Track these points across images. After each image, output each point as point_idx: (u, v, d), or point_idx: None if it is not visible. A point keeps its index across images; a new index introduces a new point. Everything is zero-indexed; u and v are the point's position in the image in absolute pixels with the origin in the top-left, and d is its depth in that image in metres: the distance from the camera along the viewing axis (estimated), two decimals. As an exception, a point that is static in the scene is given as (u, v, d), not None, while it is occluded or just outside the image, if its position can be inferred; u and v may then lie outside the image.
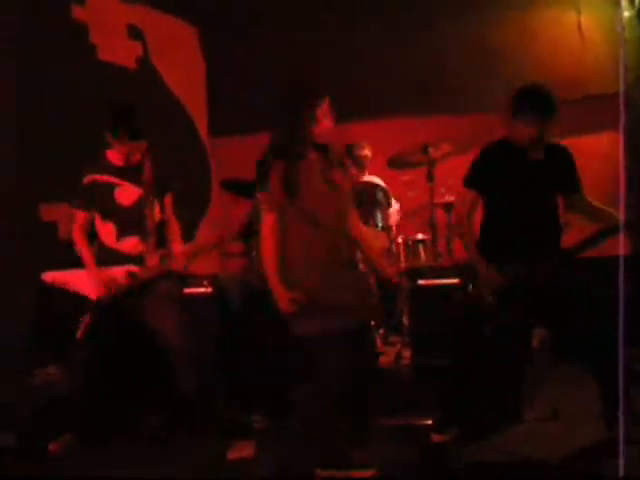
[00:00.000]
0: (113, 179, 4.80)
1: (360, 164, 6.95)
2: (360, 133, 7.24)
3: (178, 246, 4.84)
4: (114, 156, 4.83)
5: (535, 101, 4.29)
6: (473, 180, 4.46)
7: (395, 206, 6.97)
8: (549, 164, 4.38)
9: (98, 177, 4.80)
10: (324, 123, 3.93)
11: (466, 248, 4.47)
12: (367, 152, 7.03)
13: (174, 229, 4.97)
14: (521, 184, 4.33)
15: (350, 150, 6.86)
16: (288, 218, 3.93)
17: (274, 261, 3.91)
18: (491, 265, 4.27)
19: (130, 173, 4.80)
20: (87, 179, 4.82)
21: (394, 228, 6.88)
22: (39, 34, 6.08)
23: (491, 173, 4.40)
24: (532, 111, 4.27)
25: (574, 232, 4.46)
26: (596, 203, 4.45)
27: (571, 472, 3.89)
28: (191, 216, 7.50)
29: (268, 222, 3.94)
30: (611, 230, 4.20)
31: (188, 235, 5.29)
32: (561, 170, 4.42)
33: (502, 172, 4.36)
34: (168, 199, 4.96)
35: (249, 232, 4.75)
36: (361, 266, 4.33)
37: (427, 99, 7.76)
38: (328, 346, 3.82)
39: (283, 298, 3.84)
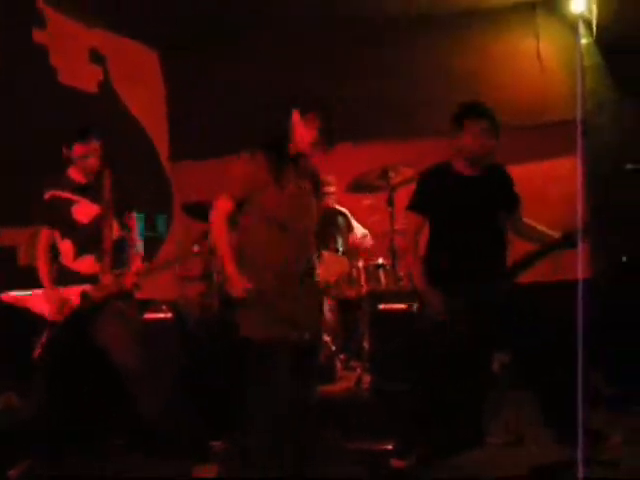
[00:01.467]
0: (72, 196, 4.78)
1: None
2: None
3: (135, 265, 4.81)
4: (75, 173, 4.81)
5: (479, 116, 4.33)
6: (416, 203, 4.49)
7: (364, 231, 7.02)
8: (490, 182, 4.41)
9: (59, 193, 4.79)
10: (305, 132, 3.95)
11: (411, 272, 4.49)
12: (331, 189, 7.01)
13: (135, 249, 4.93)
14: (463, 203, 4.35)
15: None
16: (253, 216, 3.95)
17: (228, 245, 3.94)
18: (435, 290, 4.29)
19: (90, 191, 4.78)
20: (48, 194, 4.81)
21: (364, 252, 6.89)
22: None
23: (433, 195, 4.43)
24: (479, 124, 4.31)
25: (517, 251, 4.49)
26: (532, 223, 4.49)
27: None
28: (153, 238, 7.45)
29: (222, 208, 3.97)
30: (547, 251, 4.27)
31: (150, 257, 5.25)
32: (501, 188, 4.45)
33: (443, 193, 4.39)
34: (131, 219, 4.94)
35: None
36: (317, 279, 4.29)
37: (388, 124, 7.79)
38: (271, 354, 3.81)
39: (237, 282, 3.85)
